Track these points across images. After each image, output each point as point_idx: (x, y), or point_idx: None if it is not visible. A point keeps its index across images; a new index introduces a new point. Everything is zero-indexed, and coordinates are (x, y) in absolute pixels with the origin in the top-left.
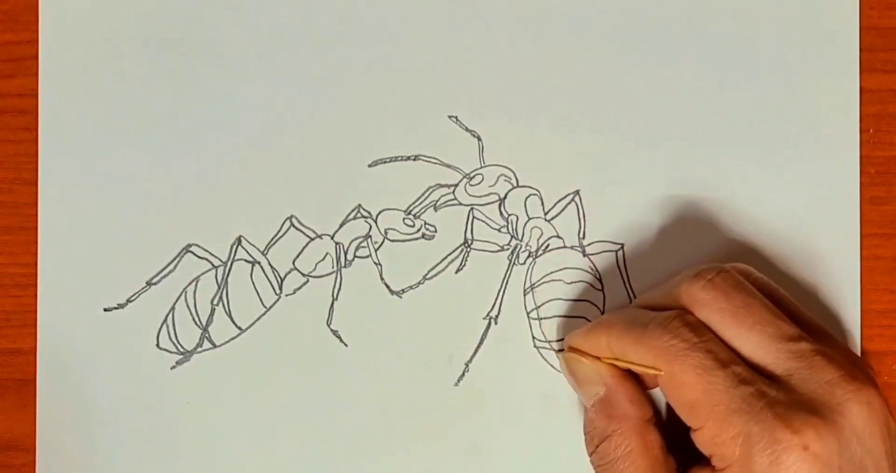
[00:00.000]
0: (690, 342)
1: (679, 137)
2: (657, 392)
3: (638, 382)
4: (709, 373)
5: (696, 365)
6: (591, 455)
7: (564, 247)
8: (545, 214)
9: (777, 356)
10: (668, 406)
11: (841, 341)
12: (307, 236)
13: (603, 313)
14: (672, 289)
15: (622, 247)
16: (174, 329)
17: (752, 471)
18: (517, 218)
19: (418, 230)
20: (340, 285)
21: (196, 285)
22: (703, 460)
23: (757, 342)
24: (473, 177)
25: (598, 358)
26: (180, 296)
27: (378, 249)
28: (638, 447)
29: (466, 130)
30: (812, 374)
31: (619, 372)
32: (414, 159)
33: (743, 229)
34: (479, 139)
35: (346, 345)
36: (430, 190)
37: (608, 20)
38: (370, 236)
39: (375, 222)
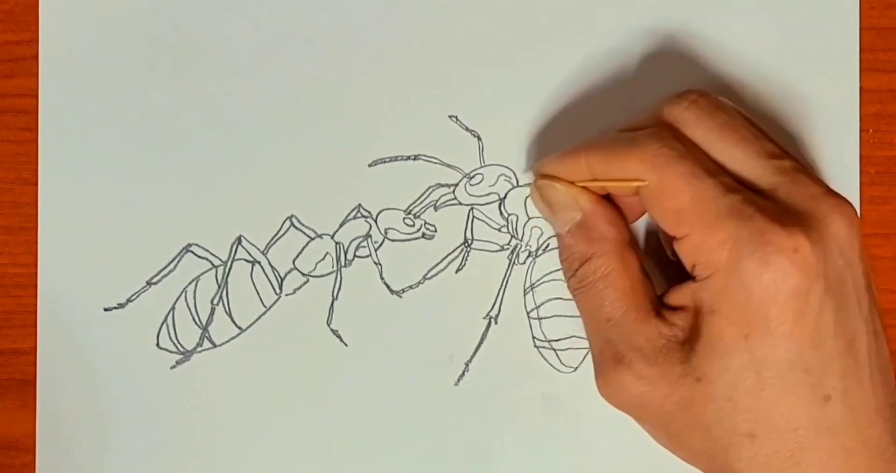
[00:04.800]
0: (679, 151)
1: None
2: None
3: (614, 206)
4: (698, 180)
5: (684, 173)
6: (569, 279)
7: None
8: None
9: (762, 171)
10: (646, 234)
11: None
12: (307, 235)
13: None
14: (654, 113)
15: None
16: (174, 329)
17: (738, 275)
18: (517, 218)
19: (418, 230)
20: (340, 284)
21: (196, 285)
22: (685, 277)
23: (742, 157)
24: (473, 177)
25: (572, 183)
26: (180, 296)
27: (378, 248)
28: (617, 268)
29: (466, 130)
30: (796, 188)
31: (596, 196)
32: (414, 159)
33: None
34: (480, 139)
35: (346, 345)
36: (430, 190)
37: (608, 21)
38: (370, 236)
39: (375, 221)
